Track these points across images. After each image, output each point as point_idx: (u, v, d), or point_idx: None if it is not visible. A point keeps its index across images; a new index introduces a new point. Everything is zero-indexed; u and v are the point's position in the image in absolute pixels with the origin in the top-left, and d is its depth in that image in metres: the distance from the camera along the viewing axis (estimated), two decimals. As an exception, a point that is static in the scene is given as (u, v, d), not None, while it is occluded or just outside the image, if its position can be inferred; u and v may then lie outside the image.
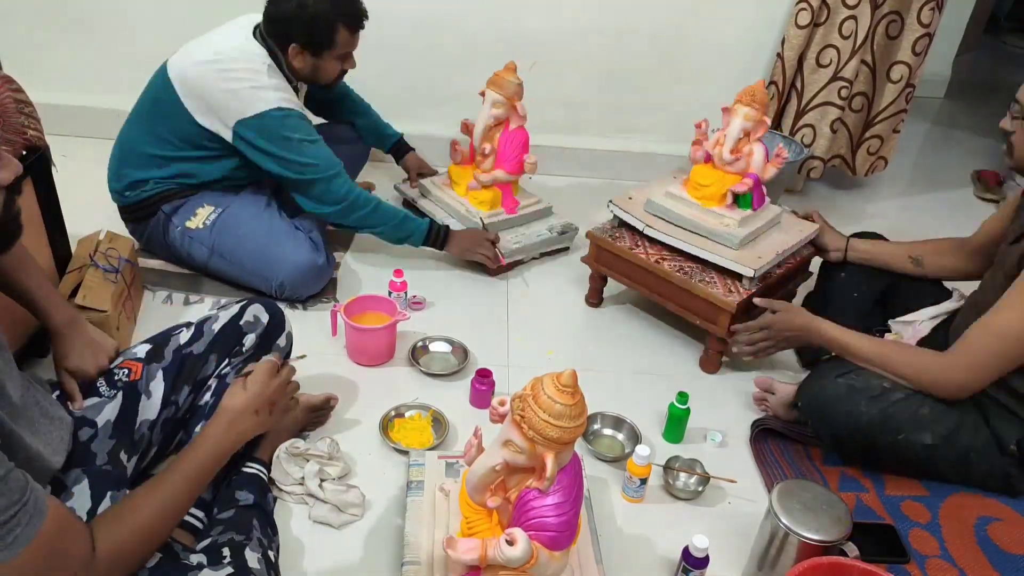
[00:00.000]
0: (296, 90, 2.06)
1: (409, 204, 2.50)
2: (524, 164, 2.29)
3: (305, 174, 1.99)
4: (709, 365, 1.98)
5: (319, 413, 1.69)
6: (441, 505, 1.43)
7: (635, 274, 2.02)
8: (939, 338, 1.76)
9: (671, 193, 1.98)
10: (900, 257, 1.93)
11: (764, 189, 1.97)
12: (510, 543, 1.10)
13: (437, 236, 2.16)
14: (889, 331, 1.87)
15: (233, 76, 1.91)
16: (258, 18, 1.99)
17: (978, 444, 1.57)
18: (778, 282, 1.98)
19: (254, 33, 1.97)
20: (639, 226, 2.00)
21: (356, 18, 1.99)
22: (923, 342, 1.80)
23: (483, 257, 2.19)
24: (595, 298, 2.19)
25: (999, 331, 1.48)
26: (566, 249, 2.41)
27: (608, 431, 1.77)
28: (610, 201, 2.07)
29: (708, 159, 1.95)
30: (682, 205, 1.97)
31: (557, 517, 1.13)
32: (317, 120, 2.50)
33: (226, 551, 1.19)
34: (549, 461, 1.07)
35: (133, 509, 1.10)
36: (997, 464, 1.57)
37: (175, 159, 2.01)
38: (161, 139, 2.00)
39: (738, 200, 1.91)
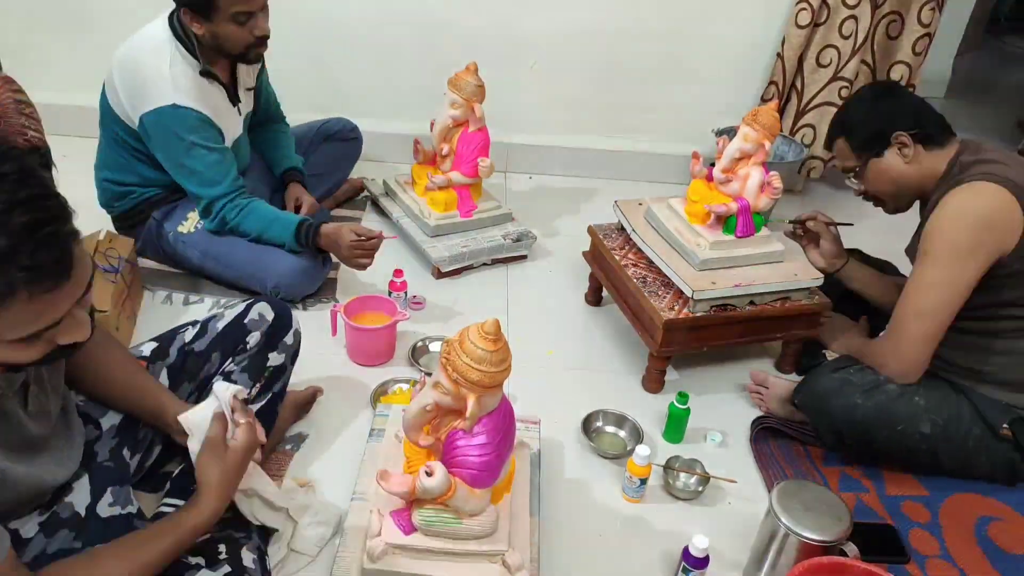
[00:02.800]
0: (235, 90, 1.99)
1: (374, 201, 2.51)
2: (478, 167, 2.24)
3: (190, 182, 1.93)
4: (651, 384, 1.89)
5: (306, 407, 1.72)
6: (395, 450, 1.47)
7: (610, 274, 2.03)
8: None
9: (670, 205, 1.96)
10: (887, 292, 1.84)
11: (757, 219, 1.86)
12: (429, 474, 1.20)
13: (307, 239, 1.96)
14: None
15: (137, 63, 1.85)
16: None
17: (976, 431, 1.58)
18: (749, 321, 1.83)
19: (170, 17, 1.87)
20: (627, 228, 2.00)
21: None
22: None
23: (355, 264, 1.98)
24: (594, 297, 2.19)
25: (916, 310, 1.55)
26: (524, 257, 2.34)
27: (610, 428, 1.77)
28: (615, 202, 2.07)
29: (710, 175, 1.90)
30: (672, 217, 1.93)
31: (478, 457, 1.22)
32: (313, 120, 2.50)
33: (222, 547, 1.20)
34: (471, 402, 1.16)
35: (93, 566, 1.05)
36: (998, 451, 1.59)
37: (131, 163, 1.99)
38: (113, 142, 1.98)
39: (725, 223, 1.85)
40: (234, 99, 2.02)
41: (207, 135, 1.89)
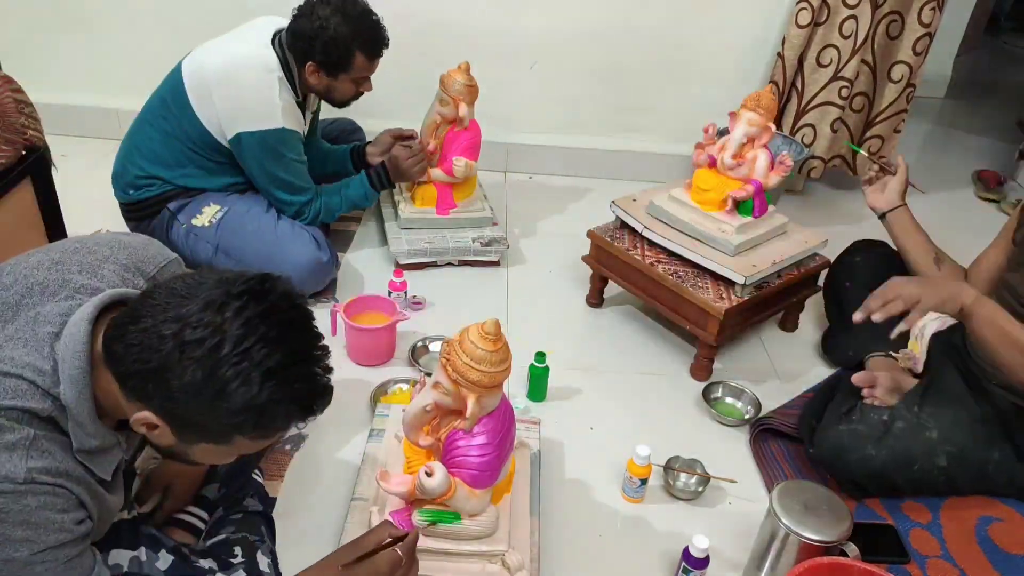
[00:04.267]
0: (305, 102, 2.09)
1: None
2: (452, 165, 2.24)
3: (283, 190, 2.06)
4: (700, 372, 1.94)
5: None
6: (395, 450, 1.48)
7: (631, 276, 2.02)
8: (955, 339, 1.74)
9: (674, 196, 1.97)
10: (927, 253, 1.81)
11: (767, 197, 1.93)
12: (429, 474, 1.20)
13: (380, 181, 2.23)
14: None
15: (243, 85, 1.92)
16: (277, 21, 2.01)
17: (994, 456, 1.54)
18: (777, 293, 1.94)
19: (273, 40, 1.97)
20: (638, 227, 2.00)
21: (375, 45, 2.02)
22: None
23: (417, 173, 2.22)
24: (596, 298, 2.19)
25: None
26: (496, 263, 2.31)
27: (729, 399, 1.88)
28: (612, 202, 2.07)
29: (712, 163, 1.93)
30: (683, 209, 1.95)
31: (479, 457, 1.23)
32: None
33: (238, 549, 1.20)
34: (470, 402, 1.17)
35: None
36: (1019, 474, 1.55)
37: (180, 163, 2.02)
38: (168, 136, 2.01)
39: (739, 206, 1.89)
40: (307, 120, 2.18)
41: (299, 150, 2.07)
